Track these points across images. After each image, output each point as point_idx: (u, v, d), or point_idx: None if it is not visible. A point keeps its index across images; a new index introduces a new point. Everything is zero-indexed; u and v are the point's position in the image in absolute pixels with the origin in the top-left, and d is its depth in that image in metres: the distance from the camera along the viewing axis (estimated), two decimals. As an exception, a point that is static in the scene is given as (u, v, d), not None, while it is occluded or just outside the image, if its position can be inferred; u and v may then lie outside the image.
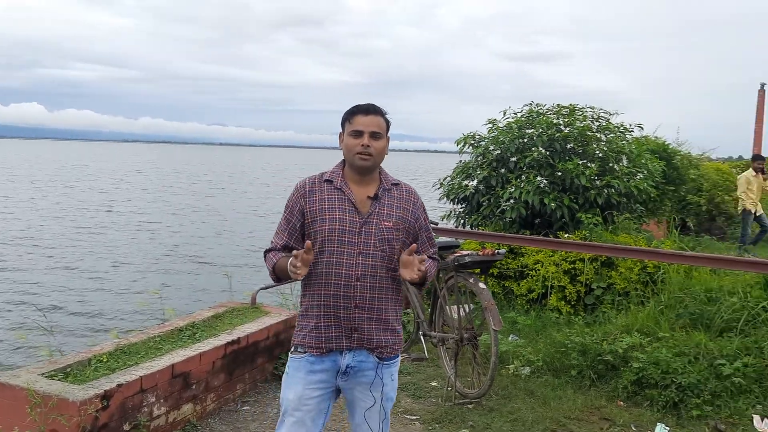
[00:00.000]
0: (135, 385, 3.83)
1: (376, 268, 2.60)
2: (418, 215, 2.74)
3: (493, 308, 4.56)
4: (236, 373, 4.79)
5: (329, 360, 2.65)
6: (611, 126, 8.46)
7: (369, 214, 2.62)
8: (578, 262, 6.80)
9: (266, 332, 5.09)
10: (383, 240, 2.60)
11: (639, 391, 4.78)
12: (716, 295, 5.53)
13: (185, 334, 4.74)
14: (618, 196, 7.78)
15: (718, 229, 14.48)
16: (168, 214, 27.53)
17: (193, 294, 12.76)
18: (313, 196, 2.66)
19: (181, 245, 19.07)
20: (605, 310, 6.32)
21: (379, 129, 2.64)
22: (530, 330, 6.26)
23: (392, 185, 2.72)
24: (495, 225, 7.90)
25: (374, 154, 2.62)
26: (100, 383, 3.72)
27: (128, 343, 4.41)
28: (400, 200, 2.70)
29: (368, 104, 2.67)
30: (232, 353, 4.70)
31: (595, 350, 5.16)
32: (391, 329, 2.70)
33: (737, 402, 4.47)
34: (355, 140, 2.61)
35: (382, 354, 2.67)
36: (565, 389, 5.00)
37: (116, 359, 4.13)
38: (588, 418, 4.57)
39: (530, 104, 8.74)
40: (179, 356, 4.27)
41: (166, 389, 4.08)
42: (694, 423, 4.41)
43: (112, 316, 11.16)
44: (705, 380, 4.58)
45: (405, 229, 2.67)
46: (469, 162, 8.69)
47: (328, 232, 2.59)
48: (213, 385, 4.55)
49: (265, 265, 2.76)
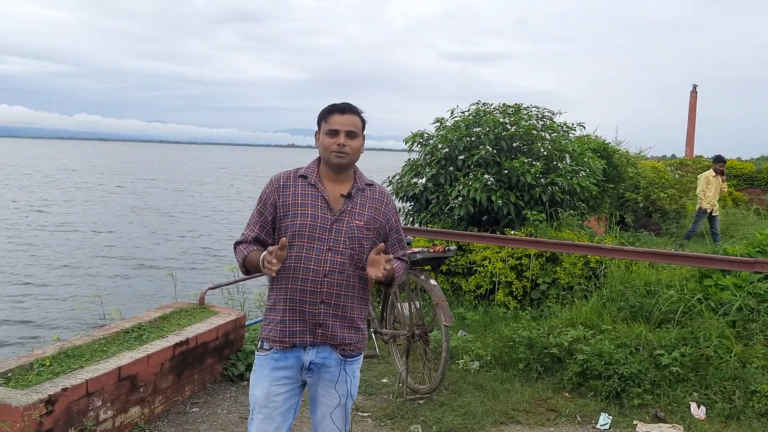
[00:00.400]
0: (80, 388, 3.74)
1: (344, 265, 2.62)
2: (390, 217, 2.77)
3: (444, 304, 4.62)
4: (185, 374, 4.72)
5: (293, 356, 2.66)
6: (555, 125, 8.65)
7: (341, 212, 2.64)
8: (524, 258, 6.95)
9: (215, 332, 5.03)
10: (353, 238, 2.63)
11: (583, 382, 4.92)
12: (655, 288, 5.73)
13: (132, 336, 4.64)
14: (562, 193, 7.98)
15: (654, 224, 14.98)
16: (103, 214, 26.56)
17: (133, 298, 12.30)
18: (286, 190, 2.67)
19: (118, 247, 18.49)
20: (550, 305, 6.48)
21: (355, 128, 2.67)
22: (478, 325, 6.37)
23: (366, 185, 2.75)
24: (444, 222, 7.98)
25: (350, 153, 2.65)
26: (44, 388, 3.61)
27: (72, 346, 4.29)
28: (372, 200, 2.73)
29: (344, 103, 2.70)
30: (181, 354, 4.63)
31: (542, 344, 5.29)
32: (355, 327, 2.72)
33: (675, 390, 4.66)
34: (330, 139, 2.64)
35: (345, 351, 2.70)
36: (513, 382, 5.11)
37: (60, 363, 4.02)
38: (535, 409, 4.68)
39: (477, 103, 8.86)
40: (126, 358, 4.18)
41: (112, 392, 3.99)
42: (635, 411, 4.57)
43: (47, 324, 10.74)
44: (645, 370, 4.76)
45: (376, 229, 2.71)
46: (417, 160, 8.75)
47: (299, 227, 2.60)
48: (161, 387, 4.47)
49: (235, 257, 2.76)
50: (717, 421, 4.39)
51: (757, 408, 4.39)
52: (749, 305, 5.13)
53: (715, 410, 4.46)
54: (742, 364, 4.68)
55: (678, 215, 15.01)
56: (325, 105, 2.75)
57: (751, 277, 5.28)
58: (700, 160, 23.17)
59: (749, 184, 23.82)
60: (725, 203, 18.76)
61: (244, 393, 4.98)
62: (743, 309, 5.11)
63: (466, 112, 8.83)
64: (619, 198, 13.69)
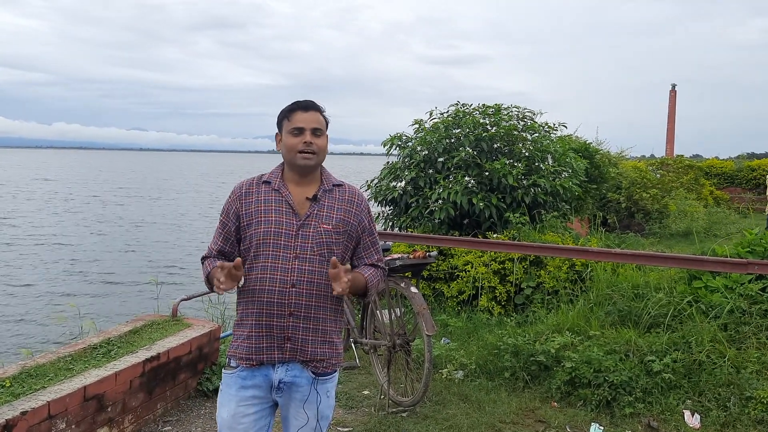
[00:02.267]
0: (42, 411, 3.50)
1: (313, 273, 2.44)
2: (362, 218, 2.59)
3: (425, 313, 4.43)
4: (156, 391, 4.49)
5: (260, 374, 2.48)
6: (536, 125, 8.51)
7: (307, 216, 2.47)
8: (508, 262, 6.79)
9: (188, 346, 4.80)
10: (321, 243, 2.45)
11: (572, 391, 4.75)
12: (643, 291, 5.59)
13: (99, 352, 4.40)
14: (544, 195, 7.83)
15: (637, 225, 14.96)
16: (74, 226, 25.87)
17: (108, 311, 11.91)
18: (249, 198, 2.52)
19: (90, 260, 17.99)
20: (535, 310, 6.32)
21: (320, 126, 2.52)
22: (462, 332, 6.19)
23: (334, 186, 2.57)
24: (424, 226, 7.81)
25: (317, 152, 2.49)
26: (1, 412, 3.38)
27: (35, 364, 4.05)
28: (341, 201, 2.55)
29: (307, 100, 2.54)
30: (152, 370, 4.40)
31: (528, 351, 5.12)
32: (328, 341, 2.53)
33: (668, 398, 4.50)
34: (295, 138, 2.48)
35: (318, 369, 2.50)
36: (499, 392, 4.93)
37: (21, 383, 3.78)
38: (523, 421, 4.50)
39: (456, 104, 8.70)
40: (92, 377, 3.95)
41: (77, 414, 3.76)
42: (627, 421, 4.41)
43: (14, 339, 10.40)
44: (636, 377, 4.59)
45: (346, 232, 2.53)
46: (396, 163, 8.57)
47: (263, 235, 2.44)
48: (131, 406, 4.24)
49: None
50: (712, 429, 4.23)
51: (753, 415, 4.24)
52: (741, 307, 4.99)
53: (710, 418, 4.30)
54: (736, 369, 4.53)
55: (661, 215, 14.99)
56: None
57: (741, 278, 5.14)
58: (681, 159, 23.26)
59: (730, 183, 23.97)
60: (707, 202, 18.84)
61: (220, 409, 4.76)
62: (735, 311, 4.97)
63: (446, 113, 8.68)
64: (600, 199, 13.63)
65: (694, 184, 19.77)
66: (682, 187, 17.89)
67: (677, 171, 19.67)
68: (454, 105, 8.69)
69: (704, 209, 17.05)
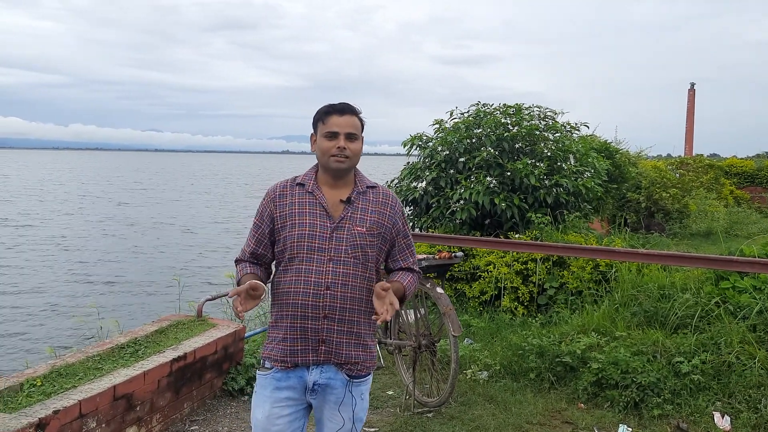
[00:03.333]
0: (73, 410, 3.53)
1: (348, 276, 2.43)
2: (396, 220, 2.57)
3: (452, 313, 4.42)
4: (183, 390, 4.51)
5: (295, 376, 2.48)
6: (557, 125, 8.46)
7: (341, 219, 2.47)
8: (530, 263, 6.76)
9: (214, 346, 4.82)
10: (356, 246, 2.45)
11: (599, 392, 4.72)
12: (669, 292, 5.54)
13: (127, 352, 4.44)
14: (567, 195, 7.78)
15: (657, 225, 14.82)
16: (91, 227, 25.81)
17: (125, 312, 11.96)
18: (283, 200, 2.52)
19: (114, 260, 18.02)
20: (559, 310, 6.29)
21: (355, 130, 2.50)
22: (484, 333, 6.17)
23: (368, 188, 2.56)
24: (445, 227, 7.79)
25: (350, 156, 2.47)
26: (34, 410, 3.41)
27: (64, 363, 4.09)
28: (375, 204, 2.53)
29: (343, 103, 2.52)
30: (179, 370, 4.42)
31: (553, 352, 5.09)
32: (363, 344, 2.52)
33: (697, 400, 4.46)
34: (329, 142, 2.46)
35: (352, 371, 2.50)
36: (525, 393, 4.91)
37: (52, 382, 3.82)
38: (550, 422, 4.48)
39: (477, 104, 8.66)
40: (121, 376, 3.98)
41: (107, 413, 3.78)
42: (655, 423, 4.37)
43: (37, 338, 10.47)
44: (664, 379, 4.55)
45: (380, 234, 2.52)
46: (416, 163, 8.55)
47: (297, 238, 2.45)
48: (159, 406, 4.26)
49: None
50: (743, 431, 4.18)
51: (785, 417, 4.20)
52: (770, 308, 4.93)
53: (741, 420, 4.25)
54: (767, 371, 4.48)
55: (681, 215, 14.84)
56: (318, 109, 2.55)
57: (770, 278, 5.09)
58: (700, 158, 23.04)
59: (750, 182, 23.71)
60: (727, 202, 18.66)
61: (246, 408, 4.78)
62: (764, 312, 4.91)
63: (466, 113, 8.64)
64: (620, 198, 13.52)
65: (714, 184, 19.58)
66: (702, 187, 17.73)
67: (697, 170, 19.49)
68: (474, 105, 8.66)
69: (724, 209, 16.89)
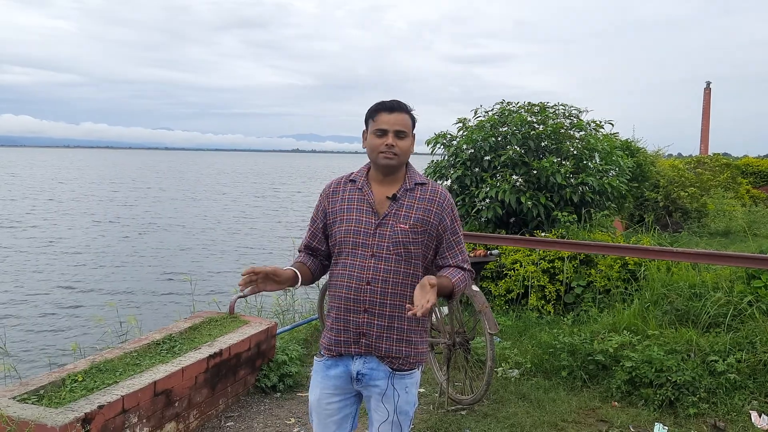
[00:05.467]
0: (116, 405, 3.57)
1: (389, 272, 2.46)
2: (443, 217, 2.54)
3: (487, 311, 4.42)
4: (218, 387, 4.54)
5: (342, 365, 2.56)
6: (582, 123, 8.43)
7: (385, 216, 2.50)
8: (557, 261, 6.75)
9: (248, 343, 4.85)
10: (398, 243, 2.46)
11: (633, 390, 4.71)
12: (699, 290, 5.52)
13: (163, 348, 4.48)
14: (592, 193, 7.76)
15: (674, 224, 14.74)
16: (93, 225, 25.56)
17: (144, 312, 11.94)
18: (335, 196, 2.60)
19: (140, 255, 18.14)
20: (586, 309, 6.27)
21: (404, 127, 2.51)
22: (513, 331, 6.16)
23: (416, 185, 2.56)
24: (470, 225, 7.79)
25: (399, 154, 2.49)
26: (79, 405, 3.45)
27: (104, 359, 4.13)
28: (422, 201, 2.53)
29: (393, 101, 2.53)
30: (215, 366, 4.46)
31: (585, 350, 5.09)
32: (406, 339, 2.52)
33: (733, 399, 4.44)
34: (379, 140, 2.49)
35: (394, 365, 2.52)
36: (558, 391, 4.91)
37: (93, 378, 3.86)
38: (585, 420, 4.47)
39: (502, 102, 8.65)
40: (161, 372, 4.01)
41: (148, 408, 3.82)
42: (692, 421, 4.35)
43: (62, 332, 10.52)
44: (699, 377, 4.53)
45: (426, 231, 2.50)
46: (441, 162, 8.55)
47: (344, 233, 2.52)
48: (196, 402, 4.30)
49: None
50: (781, 430, 4.18)
51: (823, 416, 4.18)
52: (805, 307, 4.91)
53: (778, 419, 4.24)
54: (805, 371, 4.47)
55: (699, 214, 14.75)
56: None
57: (804, 277, 5.06)
58: (717, 157, 22.89)
59: (766, 182, 23.52)
60: (744, 201, 18.53)
61: (279, 405, 4.81)
62: (799, 311, 4.89)
63: (491, 111, 8.63)
64: (638, 197, 13.45)
65: (732, 183, 19.44)
66: (720, 186, 17.61)
67: (714, 170, 19.35)
68: (499, 103, 8.65)
69: (742, 208, 16.77)
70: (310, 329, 6.46)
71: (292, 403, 4.87)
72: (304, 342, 6.09)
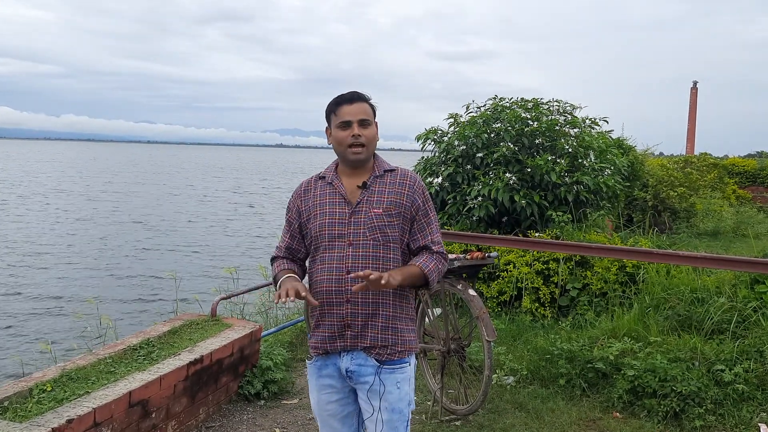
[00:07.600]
0: (87, 419, 3.30)
1: (368, 258, 2.47)
2: (415, 198, 2.55)
3: (485, 317, 4.18)
4: (199, 395, 4.27)
5: (331, 363, 2.56)
6: (577, 120, 8.20)
7: (358, 203, 2.52)
8: (552, 263, 6.53)
9: (230, 348, 4.58)
10: (374, 228, 2.49)
11: (635, 400, 4.49)
12: (701, 295, 5.32)
13: (140, 354, 4.20)
14: (587, 192, 7.55)
15: (663, 224, 14.62)
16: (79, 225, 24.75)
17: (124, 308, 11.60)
18: (308, 195, 2.64)
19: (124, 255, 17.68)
20: (582, 312, 6.07)
21: (367, 116, 2.54)
22: (506, 335, 5.94)
23: (386, 171, 2.60)
24: (461, 224, 7.55)
25: (366, 144, 2.52)
26: (46, 419, 3.18)
27: (75, 367, 3.85)
28: (393, 185, 2.55)
29: (352, 92, 2.57)
30: (195, 374, 4.18)
31: (584, 357, 4.87)
32: (391, 327, 2.50)
33: (741, 410, 4.23)
34: (344, 132, 2.52)
35: (381, 356, 2.49)
36: (556, 400, 4.68)
37: (63, 387, 3.59)
38: (586, 432, 4.26)
39: (494, 98, 8.41)
40: (137, 381, 3.74)
41: (122, 421, 3.55)
42: (698, 434, 4.15)
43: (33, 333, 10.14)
44: (705, 387, 4.32)
45: (400, 214, 2.52)
46: (432, 158, 8.31)
47: (319, 228, 2.54)
48: (174, 412, 4.03)
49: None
50: (792, 445, 3.98)
51: (836, 430, 3.98)
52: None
53: (789, 433, 4.04)
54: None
55: (688, 214, 14.64)
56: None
57: (812, 283, 4.87)
58: (705, 157, 22.86)
59: (752, 182, 23.57)
60: (730, 201, 18.49)
61: (263, 414, 4.55)
62: (807, 318, 4.70)
63: (483, 107, 8.39)
64: (627, 197, 13.30)
65: (719, 183, 19.40)
66: (707, 186, 17.53)
67: (701, 169, 19.27)
68: (491, 99, 8.40)
69: (729, 208, 16.71)
70: (296, 331, 6.20)
71: (276, 412, 4.61)
72: (289, 345, 5.83)
